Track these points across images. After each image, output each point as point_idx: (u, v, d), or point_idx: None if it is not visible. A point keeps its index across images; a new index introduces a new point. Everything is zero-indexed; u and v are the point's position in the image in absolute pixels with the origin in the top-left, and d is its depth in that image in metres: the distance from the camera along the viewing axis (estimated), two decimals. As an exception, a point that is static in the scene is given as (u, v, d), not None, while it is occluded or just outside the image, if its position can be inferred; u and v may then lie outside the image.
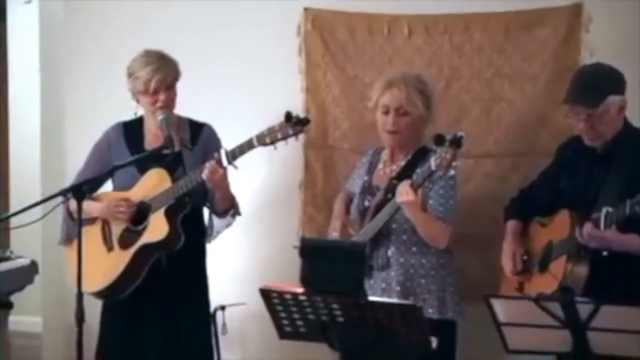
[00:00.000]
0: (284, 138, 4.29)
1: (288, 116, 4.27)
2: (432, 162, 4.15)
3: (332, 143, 5.31)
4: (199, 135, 4.75)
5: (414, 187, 4.23)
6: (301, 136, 4.50)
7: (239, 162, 4.42)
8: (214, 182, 4.44)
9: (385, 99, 4.52)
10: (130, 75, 4.65)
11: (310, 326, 3.64)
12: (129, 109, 4.74)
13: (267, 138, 4.30)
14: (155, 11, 5.48)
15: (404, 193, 4.25)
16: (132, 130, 4.79)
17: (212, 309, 4.97)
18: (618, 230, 3.93)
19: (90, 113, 5.48)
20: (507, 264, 4.48)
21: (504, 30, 5.08)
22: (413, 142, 4.58)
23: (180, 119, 4.77)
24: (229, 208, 4.68)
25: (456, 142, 4.09)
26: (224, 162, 4.40)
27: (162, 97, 4.61)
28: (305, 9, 5.28)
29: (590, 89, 4.13)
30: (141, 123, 4.79)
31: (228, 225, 4.77)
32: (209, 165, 4.41)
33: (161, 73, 4.59)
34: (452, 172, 4.31)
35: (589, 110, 4.12)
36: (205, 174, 4.40)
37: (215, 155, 4.43)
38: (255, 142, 4.34)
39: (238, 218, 4.77)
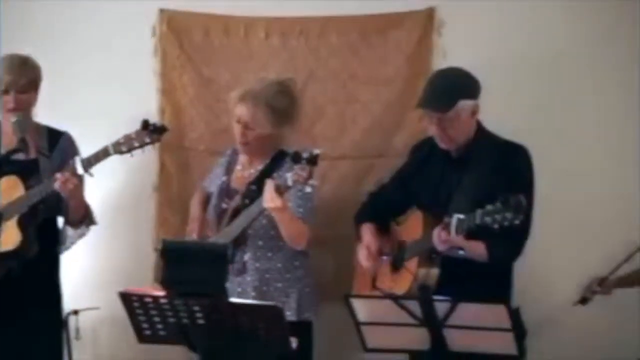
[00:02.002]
0: (141, 146, 4.30)
1: (145, 124, 4.27)
2: (289, 178, 4.20)
3: (188, 145, 5.26)
4: (57, 143, 4.66)
5: (280, 192, 4.25)
6: (156, 138, 4.50)
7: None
8: (67, 191, 4.37)
9: (237, 111, 4.56)
10: None
11: (170, 329, 3.63)
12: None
13: (124, 146, 4.30)
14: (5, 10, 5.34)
15: (271, 200, 4.26)
16: None
17: (65, 313, 4.88)
18: (466, 237, 4.01)
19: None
20: (362, 253, 4.51)
21: (360, 33, 5.11)
22: (269, 147, 4.62)
23: (38, 126, 4.68)
24: (83, 218, 4.62)
25: (312, 161, 4.15)
26: (79, 170, 4.34)
27: (12, 99, 4.51)
28: (161, 10, 5.22)
29: (441, 93, 4.19)
30: (-1, 126, 4.69)
31: (81, 235, 4.71)
32: (60, 175, 4.34)
33: (13, 75, 4.50)
34: (308, 190, 4.33)
35: (439, 114, 4.18)
36: (57, 185, 4.34)
37: (70, 162, 4.37)
38: (111, 150, 4.32)
39: (92, 222, 4.72)
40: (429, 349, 3.62)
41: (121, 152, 4.30)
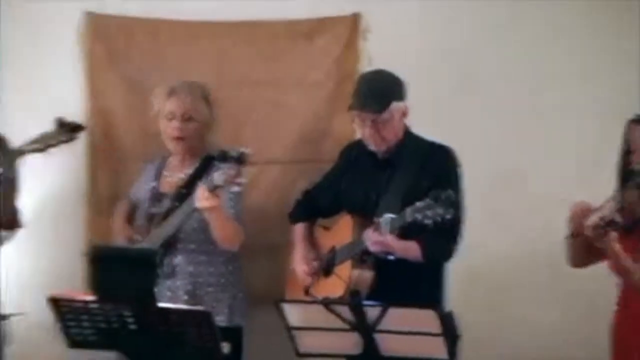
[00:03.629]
0: (57, 144, 4.26)
1: (61, 123, 4.25)
2: (216, 177, 4.17)
3: (117, 149, 5.20)
4: None
5: (212, 192, 4.22)
6: (85, 142, 4.51)
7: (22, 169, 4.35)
8: None
9: (169, 106, 4.54)
10: None
11: (101, 334, 3.60)
12: None
13: (40, 144, 4.25)
14: None
15: (205, 199, 4.24)
16: None
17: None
18: (399, 237, 4.04)
19: None
20: (300, 267, 4.49)
21: (287, 38, 5.13)
22: (199, 148, 4.60)
23: None
24: (12, 221, 4.55)
25: (240, 159, 4.13)
26: None
27: None
28: (89, 14, 5.15)
29: (375, 95, 4.22)
30: None
31: (8, 239, 4.63)
32: None
33: None
34: (236, 189, 4.32)
35: (375, 115, 4.20)
36: None
37: None
38: (27, 148, 4.26)
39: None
40: (361, 354, 3.63)
41: (38, 151, 4.24)
